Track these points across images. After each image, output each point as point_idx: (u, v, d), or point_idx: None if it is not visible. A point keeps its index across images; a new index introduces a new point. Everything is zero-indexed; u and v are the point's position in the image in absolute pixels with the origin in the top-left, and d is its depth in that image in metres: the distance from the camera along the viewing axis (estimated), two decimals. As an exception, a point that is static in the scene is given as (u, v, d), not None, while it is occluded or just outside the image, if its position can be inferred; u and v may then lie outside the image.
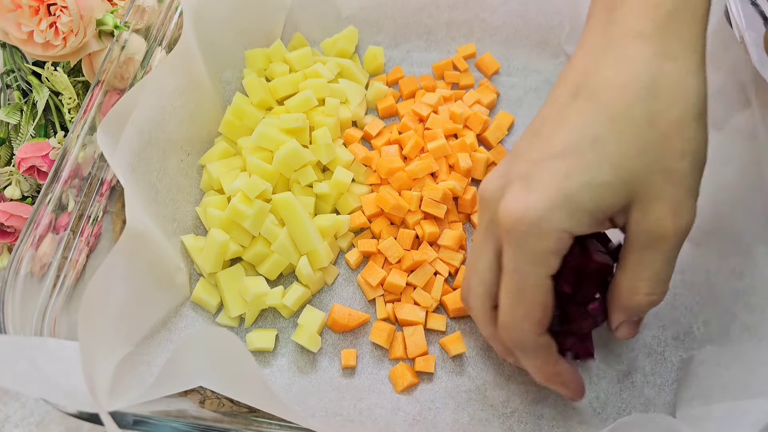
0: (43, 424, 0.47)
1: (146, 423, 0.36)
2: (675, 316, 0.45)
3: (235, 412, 0.40)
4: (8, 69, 0.57)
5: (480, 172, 0.52)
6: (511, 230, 0.33)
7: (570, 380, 0.38)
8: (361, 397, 0.43)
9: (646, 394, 0.43)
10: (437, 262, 0.47)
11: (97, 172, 0.45)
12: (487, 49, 0.58)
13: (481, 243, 0.37)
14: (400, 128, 0.53)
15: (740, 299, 0.42)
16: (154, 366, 0.41)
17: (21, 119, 0.54)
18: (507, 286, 0.35)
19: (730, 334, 0.41)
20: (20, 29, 0.48)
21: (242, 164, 0.50)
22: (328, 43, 0.57)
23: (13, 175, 0.53)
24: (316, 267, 0.46)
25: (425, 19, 0.58)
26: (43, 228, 0.41)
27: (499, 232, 0.35)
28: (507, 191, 0.34)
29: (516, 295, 0.35)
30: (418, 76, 0.57)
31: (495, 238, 0.36)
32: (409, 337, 0.45)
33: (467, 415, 0.42)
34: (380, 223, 0.49)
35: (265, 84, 0.53)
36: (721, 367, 0.40)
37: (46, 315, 0.40)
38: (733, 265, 0.43)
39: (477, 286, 0.38)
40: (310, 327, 0.44)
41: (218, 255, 0.45)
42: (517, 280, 0.34)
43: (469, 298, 0.39)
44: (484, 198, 0.37)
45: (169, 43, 0.51)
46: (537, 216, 0.32)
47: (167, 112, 0.47)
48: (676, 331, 0.45)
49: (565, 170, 0.33)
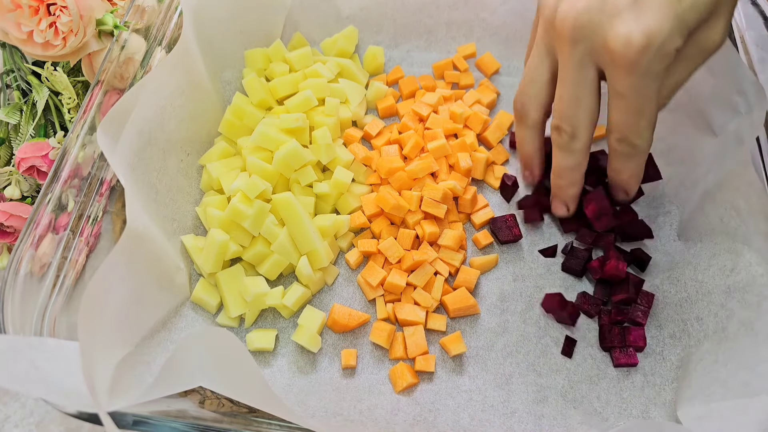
0: (43, 424, 0.47)
1: (146, 423, 0.36)
2: (668, 314, 0.45)
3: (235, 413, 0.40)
4: (8, 69, 0.57)
5: (480, 172, 0.52)
6: (635, 59, 0.36)
7: None
8: (361, 397, 0.43)
9: (646, 394, 0.43)
10: (437, 262, 0.47)
11: (97, 172, 0.45)
12: (487, 49, 0.58)
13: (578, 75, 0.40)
14: (400, 128, 0.53)
15: (734, 295, 0.42)
16: (154, 366, 0.41)
17: (21, 119, 0.54)
18: (626, 107, 0.39)
19: (727, 330, 0.41)
20: (20, 29, 0.48)
21: (242, 164, 0.50)
22: (328, 43, 0.57)
23: (12, 175, 0.53)
24: (316, 267, 0.46)
25: (425, 19, 0.58)
26: (43, 228, 0.41)
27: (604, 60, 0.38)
28: (616, 20, 0.36)
29: (638, 112, 0.39)
30: (418, 76, 0.57)
31: (595, 66, 0.39)
32: (410, 337, 0.45)
33: (467, 416, 0.42)
34: (380, 223, 0.49)
35: (265, 84, 0.53)
36: (720, 363, 0.40)
37: (45, 315, 0.40)
38: (723, 261, 0.43)
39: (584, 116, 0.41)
40: (310, 327, 0.44)
41: (218, 255, 0.45)
42: (637, 101, 0.38)
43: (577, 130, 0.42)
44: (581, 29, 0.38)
45: (169, 43, 0.50)
46: (661, 40, 0.35)
47: (167, 112, 0.47)
48: (672, 330, 0.45)
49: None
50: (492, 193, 0.52)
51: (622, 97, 0.39)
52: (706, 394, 0.39)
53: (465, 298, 0.46)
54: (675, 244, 0.48)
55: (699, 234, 0.46)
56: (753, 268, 0.41)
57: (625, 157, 0.43)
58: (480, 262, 0.48)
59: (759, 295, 0.40)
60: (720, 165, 0.45)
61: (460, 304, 0.46)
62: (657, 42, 0.35)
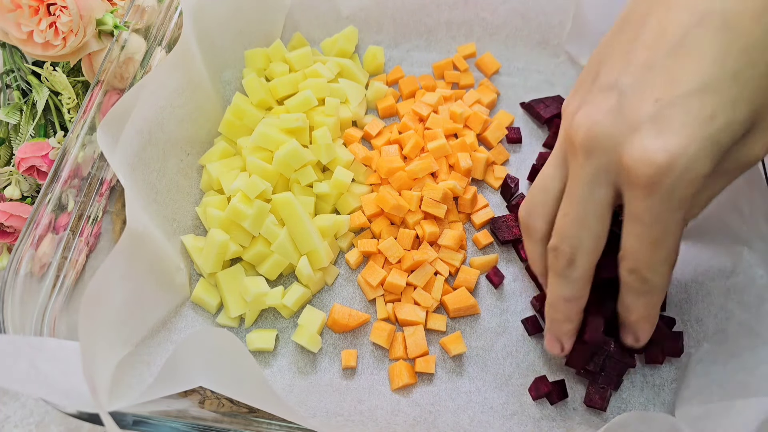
0: (43, 424, 0.47)
1: (146, 423, 0.36)
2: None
3: (235, 413, 0.40)
4: (8, 69, 0.57)
5: (480, 172, 0.52)
6: (655, 180, 0.31)
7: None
8: (361, 398, 0.43)
9: (645, 394, 0.43)
10: (437, 262, 0.47)
11: (97, 172, 0.45)
12: (487, 48, 0.58)
13: (588, 193, 0.34)
14: (400, 128, 0.53)
15: (733, 296, 0.42)
16: (154, 366, 0.41)
17: (21, 119, 0.54)
18: (641, 234, 0.33)
19: (726, 331, 0.41)
20: (20, 29, 0.48)
21: (242, 164, 0.50)
22: (328, 43, 0.57)
23: (12, 175, 0.53)
24: (316, 267, 0.46)
25: (425, 19, 0.58)
26: (43, 228, 0.41)
27: (620, 179, 0.33)
28: (636, 136, 0.31)
29: (655, 242, 0.33)
30: (418, 75, 0.57)
31: (611, 185, 0.34)
32: (410, 337, 0.45)
33: (467, 417, 0.42)
34: (380, 223, 0.49)
35: (264, 84, 0.53)
36: (719, 364, 0.40)
37: (45, 315, 0.40)
38: (723, 262, 0.43)
39: (588, 240, 0.35)
40: (311, 327, 0.44)
41: (218, 255, 0.45)
42: (655, 229, 0.32)
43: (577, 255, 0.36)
44: (596, 141, 0.33)
45: (169, 43, 0.50)
46: (685, 163, 0.30)
47: (167, 112, 0.47)
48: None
49: (710, 111, 0.30)
50: (492, 193, 0.52)
51: (637, 222, 0.33)
52: (704, 395, 0.39)
53: (465, 298, 0.46)
54: None
55: (699, 235, 0.46)
56: (753, 269, 0.41)
57: (635, 293, 0.36)
58: (480, 262, 0.48)
59: (758, 297, 0.40)
60: None
61: (460, 304, 0.46)
62: (681, 164, 0.30)
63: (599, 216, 0.35)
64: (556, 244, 0.37)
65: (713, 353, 0.41)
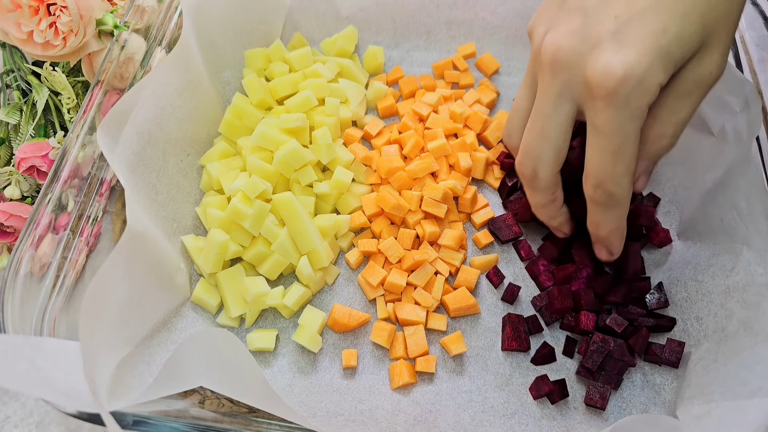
0: (43, 424, 0.47)
1: (146, 423, 0.36)
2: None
3: (234, 413, 0.40)
4: (8, 69, 0.57)
5: (480, 172, 0.52)
6: (613, 91, 0.34)
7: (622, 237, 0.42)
8: (362, 398, 0.43)
9: (645, 393, 0.43)
10: (438, 261, 0.47)
11: (97, 172, 0.45)
12: (487, 48, 0.58)
13: (552, 109, 0.38)
14: (400, 128, 0.53)
15: (733, 295, 0.42)
16: (154, 366, 0.41)
17: (21, 119, 0.54)
18: (603, 146, 0.36)
19: (726, 330, 0.41)
20: (20, 29, 0.48)
21: (242, 164, 0.50)
22: (328, 43, 0.57)
23: (12, 175, 0.53)
24: (317, 267, 0.46)
25: (425, 19, 0.58)
26: (43, 228, 0.41)
27: (583, 94, 0.35)
28: (597, 51, 0.34)
29: (616, 153, 0.36)
30: (418, 75, 0.57)
31: (573, 101, 0.37)
32: (410, 336, 0.45)
33: (468, 416, 0.42)
34: (380, 223, 0.49)
35: (264, 84, 0.53)
36: (719, 363, 0.40)
37: (45, 315, 0.40)
38: (723, 261, 0.43)
39: (549, 152, 0.39)
40: (311, 327, 0.44)
41: (218, 255, 0.45)
42: (615, 139, 0.35)
43: (539, 166, 0.39)
44: (562, 60, 0.36)
45: (169, 43, 0.50)
46: (641, 73, 0.33)
47: (167, 112, 0.47)
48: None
49: (661, 24, 0.33)
50: (492, 193, 0.52)
51: (598, 134, 0.36)
52: (705, 394, 0.39)
53: (465, 298, 0.46)
54: (675, 244, 0.48)
55: (699, 234, 0.46)
56: (752, 267, 0.41)
57: (602, 207, 0.39)
58: (480, 262, 0.48)
59: (758, 295, 0.40)
60: (719, 164, 0.45)
61: (461, 303, 0.46)
62: (636, 74, 0.33)
63: (561, 130, 0.38)
64: (520, 159, 0.41)
65: (713, 352, 0.41)
